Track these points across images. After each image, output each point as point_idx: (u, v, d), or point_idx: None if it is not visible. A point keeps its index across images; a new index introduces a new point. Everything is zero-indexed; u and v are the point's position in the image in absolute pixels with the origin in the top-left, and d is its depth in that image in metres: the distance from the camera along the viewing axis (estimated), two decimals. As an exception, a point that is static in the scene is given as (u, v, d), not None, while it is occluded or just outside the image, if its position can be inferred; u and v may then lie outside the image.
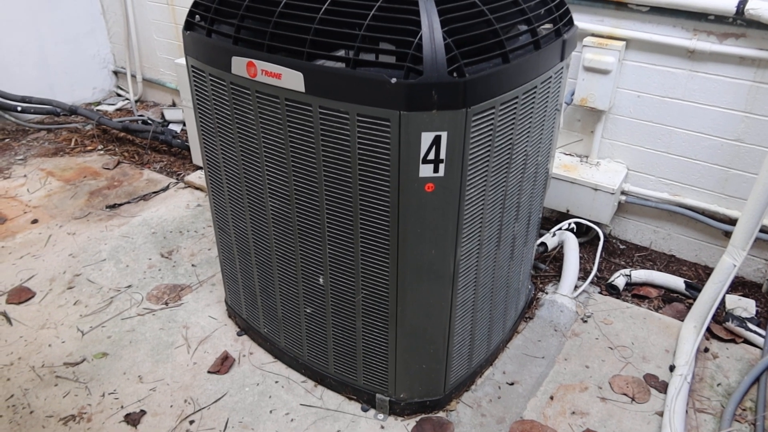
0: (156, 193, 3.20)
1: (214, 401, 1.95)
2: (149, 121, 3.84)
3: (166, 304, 2.39)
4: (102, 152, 3.65)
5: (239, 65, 1.57)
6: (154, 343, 2.19)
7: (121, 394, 1.97)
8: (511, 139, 1.60)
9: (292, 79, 1.48)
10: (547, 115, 1.77)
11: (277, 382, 2.03)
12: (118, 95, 4.47)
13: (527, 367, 2.09)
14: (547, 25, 1.71)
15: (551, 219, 2.81)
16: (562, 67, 1.77)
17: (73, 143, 3.74)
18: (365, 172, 1.49)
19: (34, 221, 2.92)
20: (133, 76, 4.24)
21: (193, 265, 2.62)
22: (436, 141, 1.42)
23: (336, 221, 1.62)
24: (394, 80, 1.34)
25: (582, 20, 2.39)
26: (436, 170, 1.46)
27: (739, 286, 2.49)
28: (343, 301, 1.77)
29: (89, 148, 3.70)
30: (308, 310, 1.88)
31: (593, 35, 2.38)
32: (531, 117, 1.66)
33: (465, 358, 1.91)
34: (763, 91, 2.16)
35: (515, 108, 1.55)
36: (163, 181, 3.31)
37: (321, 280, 1.77)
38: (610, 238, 2.76)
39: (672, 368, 2.06)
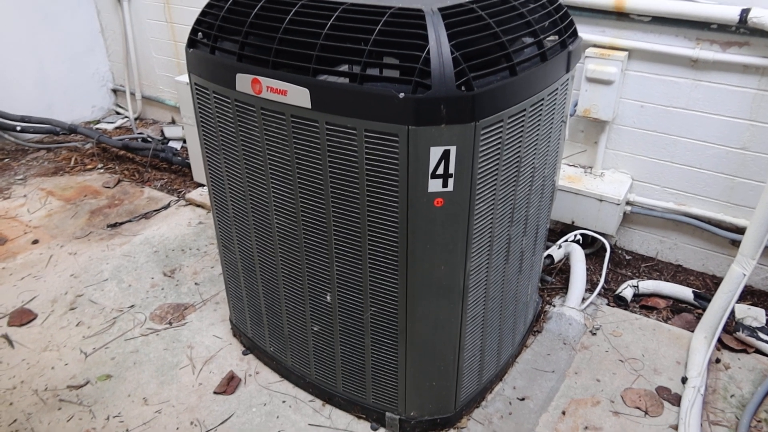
0: (157, 211, 3.18)
1: (221, 423, 1.92)
2: (149, 139, 3.83)
3: (170, 323, 2.36)
4: (102, 171, 3.63)
5: (244, 82, 1.56)
6: (158, 363, 2.16)
7: (126, 417, 1.94)
8: (519, 151, 1.58)
9: (298, 96, 1.46)
10: (554, 127, 1.76)
11: (284, 401, 1.99)
12: (117, 113, 4.46)
13: (537, 381, 2.06)
14: (553, 37, 1.70)
15: (556, 231, 2.79)
16: (568, 79, 1.76)
17: (72, 162, 3.73)
18: (373, 188, 1.47)
19: (35, 242, 2.90)
20: (132, 94, 4.24)
21: (196, 284, 2.59)
22: (445, 155, 1.40)
23: (344, 238, 1.60)
24: (402, 95, 1.33)
25: (584, 31, 2.39)
26: (445, 185, 1.44)
27: (748, 295, 2.47)
28: (351, 319, 1.74)
29: (89, 166, 3.68)
30: (315, 328, 1.85)
31: (595, 46, 2.38)
32: (538, 129, 1.64)
33: (475, 373, 1.88)
34: None
35: (523, 121, 1.54)
36: (164, 199, 3.29)
37: (328, 297, 1.75)
38: (616, 249, 2.75)
39: (684, 380, 2.04)
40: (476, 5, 1.47)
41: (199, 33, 1.77)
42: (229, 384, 2.05)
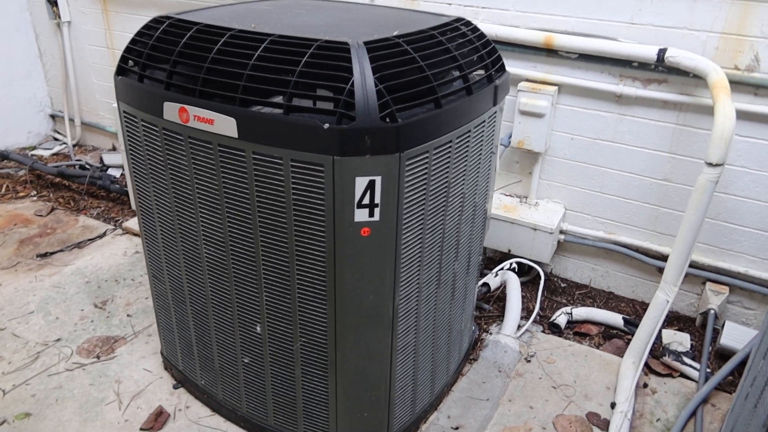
0: (92, 240, 3.08)
1: (146, 461, 1.85)
2: (87, 166, 3.73)
3: (98, 357, 2.27)
4: (35, 198, 3.51)
5: (171, 111, 1.55)
6: (82, 400, 2.07)
7: (44, 458, 1.85)
8: (446, 182, 1.62)
9: (225, 125, 1.46)
10: (483, 158, 1.80)
11: (214, 436, 1.94)
12: (56, 139, 4.33)
13: (472, 410, 2.07)
14: (480, 72, 1.76)
15: (494, 259, 2.84)
16: (496, 112, 1.82)
17: (3, 189, 3.58)
18: (300, 218, 1.47)
19: (-43, 272, 2.76)
20: (71, 120, 4.13)
21: (128, 315, 2.51)
22: (371, 185, 1.42)
23: (272, 268, 1.59)
24: (326, 126, 1.35)
25: (516, 66, 2.48)
26: (371, 215, 1.46)
27: (674, 320, 2.56)
28: (281, 350, 1.72)
29: (21, 194, 3.55)
30: (246, 360, 1.81)
31: (528, 80, 2.47)
32: (466, 160, 1.68)
33: (408, 403, 1.88)
34: (686, 134, 2.28)
35: (449, 152, 1.57)
36: (99, 228, 3.20)
37: (258, 328, 1.72)
38: (552, 277, 2.81)
39: (613, 405, 2.08)
40: (402, 40, 1.51)
41: (130, 61, 1.75)
42: (157, 420, 1.98)
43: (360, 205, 1.44)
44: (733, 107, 1.93)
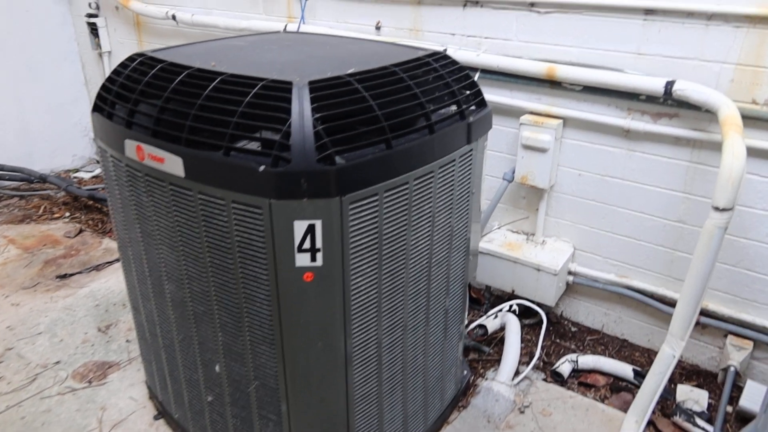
0: (110, 263, 3.18)
1: (110, 494, 1.84)
2: (119, 189, 3.86)
3: (90, 382, 2.31)
4: (68, 220, 3.67)
5: (131, 148, 1.56)
6: (66, 425, 2.10)
7: (16, 484, 1.88)
8: (405, 225, 1.54)
9: (174, 164, 1.45)
10: (456, 199, 1.71)
11: (182, 473, 1.91)
12: (97, 162, 4.53)
13: (451, 463, 1.95)
14: (453, 107, 1.67)
15: (503, 298, 2.70)
16: (471, 150, 1.72)
17: (41, 210, 3.77)
18: (245, 260, 1.44)
19: (-19, 291, 2.90)
20: (111, 144, 4.31)
21: (127, 341, 2.55)
22: (311, 230, 1.36)
23: (225, 308, 1.56)
24: (262, 168, 1.31)
25: (519, 98, 2.37)
26: (313, 259, 1.40)
27: (694, 375, 2.34)
28: (239, 392, 1.67)
29: (56, 215, 3.72)
30: (209, 399, 1.78)
31: (531, 113, 2.35)
32: (431, 202, 1.60)
33: (375, 454, 1.79)
34: (700, 172, 2.09)
35: (407, 194, 1.50)
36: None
37: (217, 367, 1.69)
38: (562, 320, 2.64)
39: (608, 468, 1.91)
40: (355, 77, 1.45)
41: (107, 99, 1.79)
42: (130, 452, 1.98)
43: (300, 250, 1.38)
44: (743, 146, 1.76)
